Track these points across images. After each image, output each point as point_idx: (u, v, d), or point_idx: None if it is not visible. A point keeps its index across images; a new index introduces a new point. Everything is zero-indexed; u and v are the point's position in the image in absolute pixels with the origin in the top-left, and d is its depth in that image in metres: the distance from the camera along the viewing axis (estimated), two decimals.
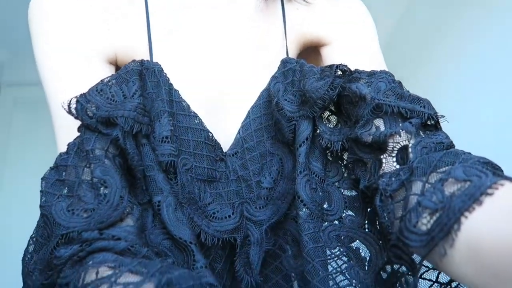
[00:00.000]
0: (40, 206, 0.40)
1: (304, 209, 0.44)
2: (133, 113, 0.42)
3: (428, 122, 0.42)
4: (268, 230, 0.47)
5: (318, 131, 0.47)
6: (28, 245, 0.42)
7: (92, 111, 0.42)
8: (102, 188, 0.40)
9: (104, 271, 0.34)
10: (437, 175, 0.35)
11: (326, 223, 0.44)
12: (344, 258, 0.43)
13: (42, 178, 0.42)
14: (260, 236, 0.46)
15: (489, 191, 0.30)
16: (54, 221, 0.38)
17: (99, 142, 0.42)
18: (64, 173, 0.41)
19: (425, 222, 0.32)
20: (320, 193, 0.46)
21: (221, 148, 0.50)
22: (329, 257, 0.43)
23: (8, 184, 2.65)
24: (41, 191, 0.41)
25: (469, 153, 0.37)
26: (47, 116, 0.48)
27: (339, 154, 0.48)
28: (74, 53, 0.48)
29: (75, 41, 0.48)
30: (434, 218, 0.32)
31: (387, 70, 0.48)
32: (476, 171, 0.32)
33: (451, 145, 0.40)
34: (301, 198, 0.44)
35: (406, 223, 0.34)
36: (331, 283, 0.42)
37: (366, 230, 0.45)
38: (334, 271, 0.42)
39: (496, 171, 0.33)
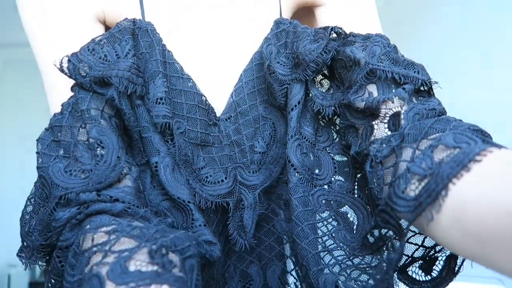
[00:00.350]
0: (37, 168, 0.40)
1: (294, 173, 0.44)
2: (127, 73, 0.41)
3: (422, 88, 0.41)
4: (261, 194, 0.47)
5: (310, 95, 0.46)
6: (26, 206, 0.42)
7: (85, 70, 0.41)
8: (98, 149, 0.40)
9: (100, 237, 0.34)
10: (427, 141, 0.34)
11: (315, 187, 0.45)
12: (332, 222, 0.44)
13: (37, 140, 0.41)
14: (253, 200, 0.46)
15: (478, 158, 0.30)
16: (52, 182, 0.38)
17: (94, 102, 0.42)
18: (59, 134, 0.41)
19: (414, 188, 0.32)
20: (311, 158, 0.46)
21: (214, 112, 0.49)
22: (317, 220, 0.43)
23: (1, 141, 2.65)
24: (37, 153, 0.41)
25: (460, 120, 0.36)
26: (37, 77, 0.47)
27: (331, 119, 0.47)
28: (63, 15, 0.46)
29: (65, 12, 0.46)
30: (423, 184, 0.32)
31: (382, 33, 0.47)
32: (466, 138, 0.32)
33: (443, 112, 0.40)
34: (291, 162, 0.44)
35: (395, 189, 0.34)
36: (319, 246, 0.42)
37: (355, 195, 0.45)
38: (322, 234, 0.43)
39: (485, 138, 0.33)
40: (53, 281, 0.39)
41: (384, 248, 0.40)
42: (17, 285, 2.39)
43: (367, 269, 0.40)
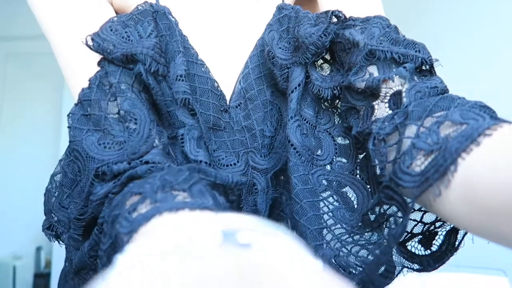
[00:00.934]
0: (70, 141, 0.40)
1: (294, 153, 0.43)
2: (151, 51, 0.41)
3: (423, 67, 0.40)
4: (273, 178, 0.47)
5: (310, 78, 0.45)
6: (50, 182, 0.42)
7: (109, 48, 0.41)
8: (131, 121, 0.39)
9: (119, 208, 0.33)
10: (432, 119, 0.34)
11: (316, 167, 0.44)
12: (332, 201, 0.43)
13: (68, 115, 0.41)
14: (266, 184, 0.46)
15: (488, 132, 0.29)
16: (87, 156, 0.38)
17: (124, 77, 0.41)
18: (88, 108, 0.41)
19: (419, 164, 0.32)
20: (312, 139, 0.45)
21: (225, 99, 0.48)
22: (317, 199, 0.43)
23: (4, 133, 2.66)
24: (68, 127, 0.40)
25: (464, 98, 0.36)
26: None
27: (332, 102, 0.47)
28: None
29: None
30: (429, 159, 0.31)
31: (384, 15, 0.46)
32: (473, 114, 0.31)
33: (445, 90, 0.39)
34: (291, 142, 0.43)
35: (400, 165, 0.33)
36: (318, 223, 0.42)
37: (356, 176, 0.44)
38: (322, 212, 0.42)
39: (493, 115, 0.32)
40: (92, 258, 0.38)
41: (385, 226, 0.39)
42: (23, 277, 2.41)
43: (366, 245, 0.39)
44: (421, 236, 0.41)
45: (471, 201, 0.28)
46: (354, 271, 0.37)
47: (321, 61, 0.47)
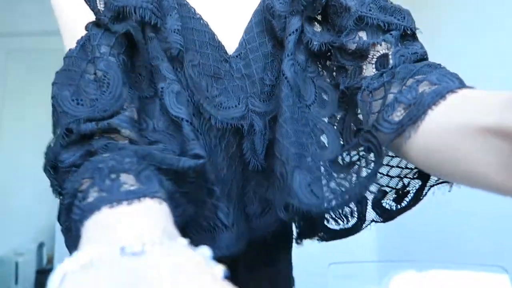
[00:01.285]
0: (51, 97, 0.41)
1: (287, 85, 0.46)
2: (150, 5, 0.43)
3: (408, 32, 0.46)
4: (271, 121, 0.49)
5: (303, 31, 0.49)
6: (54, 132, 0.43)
7: (105, 1, 0.42)
8: (104, 81, 0.41)
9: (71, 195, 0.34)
10: (414, 80, 0.40)
11: (300, 103, 0.47)
12: (307, 136, 0.46)
13: (55, 72, 0.42)
14: (263, 126, 0.48)
15: (456, 90, 0.35)
16: (61, 110, 0.39)
17: (105, 39, 0.43)
18: (68, 65, 0.42)
19: (399, 115, 0.38)
20: (300, 80, 0.48)
21: (224, 49, 0.50)
22: (300, 129, 0.46)
23: (6, 130, 2.66)
24: (52, 84, 0.41)
25: (444, 68, 0.42)
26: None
27: (321, 60, 0.51)
28: None
29: None
30: (407, 111, 0.37)
31: None
32: (447, 78, 0.38)
33: (424, 54, 0.45)
34: (285, 75, 0.46)
35: (382, 114, 0.39)
36: (299, 148, 0.44)
37: (333, 126, 0.48)
38: (303, 141, 0.45)
39: (463, 82, 0.38)
40: (64, 225, 0.39)
41: (357, 165, 0.44)
42: (25, 273, 2.40)
43: (339, 180, 0.44)
44: (395, 195, 0.47)
45: (427, 142, 0.35)
46: (326, 204, 0.41)
47: (314, 22, 0.51)
